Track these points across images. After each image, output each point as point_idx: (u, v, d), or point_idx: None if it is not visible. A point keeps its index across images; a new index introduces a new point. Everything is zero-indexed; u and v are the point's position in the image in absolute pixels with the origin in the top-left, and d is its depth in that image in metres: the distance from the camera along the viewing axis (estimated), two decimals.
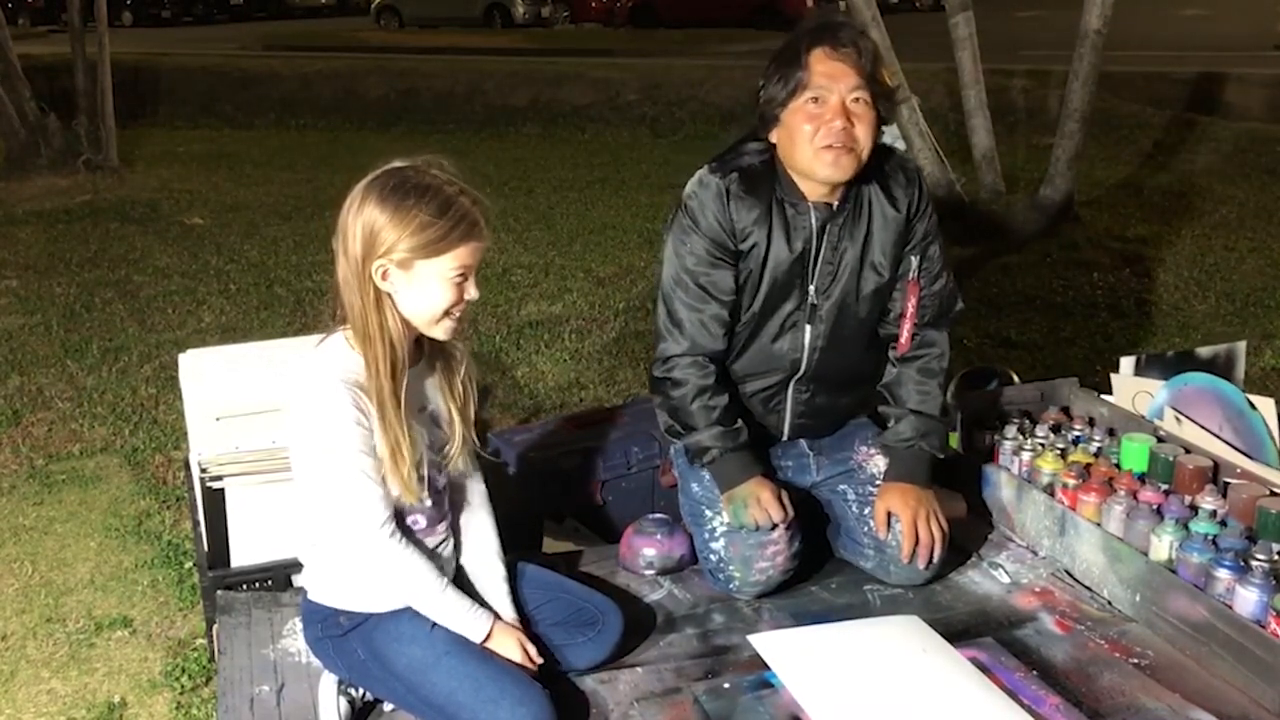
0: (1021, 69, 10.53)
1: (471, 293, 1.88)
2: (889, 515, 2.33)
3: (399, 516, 1.94)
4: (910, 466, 2.38)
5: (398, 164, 1.87)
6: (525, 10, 23.36)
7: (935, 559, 2.33)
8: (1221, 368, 2.82)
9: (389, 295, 1.84)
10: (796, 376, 2.40)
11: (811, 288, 2.32)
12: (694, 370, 2.32)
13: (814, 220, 2.28)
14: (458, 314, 1.90)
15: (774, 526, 2.28)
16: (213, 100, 13.25)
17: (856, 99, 2.18)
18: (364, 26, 23.64)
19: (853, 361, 2.41)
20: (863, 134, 2.19)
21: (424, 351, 1.98)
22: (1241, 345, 2.91)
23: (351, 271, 1.83)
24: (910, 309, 2.37)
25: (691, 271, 2.30)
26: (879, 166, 2.33)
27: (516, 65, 13.75)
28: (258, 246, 6.66)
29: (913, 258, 2.36)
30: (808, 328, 2.35)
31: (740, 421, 2.35)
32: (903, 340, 2.39)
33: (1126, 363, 2.81)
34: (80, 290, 5.78)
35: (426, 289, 1.84)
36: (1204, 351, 2.87)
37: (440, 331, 1.91)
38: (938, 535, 2.32)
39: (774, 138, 2.27)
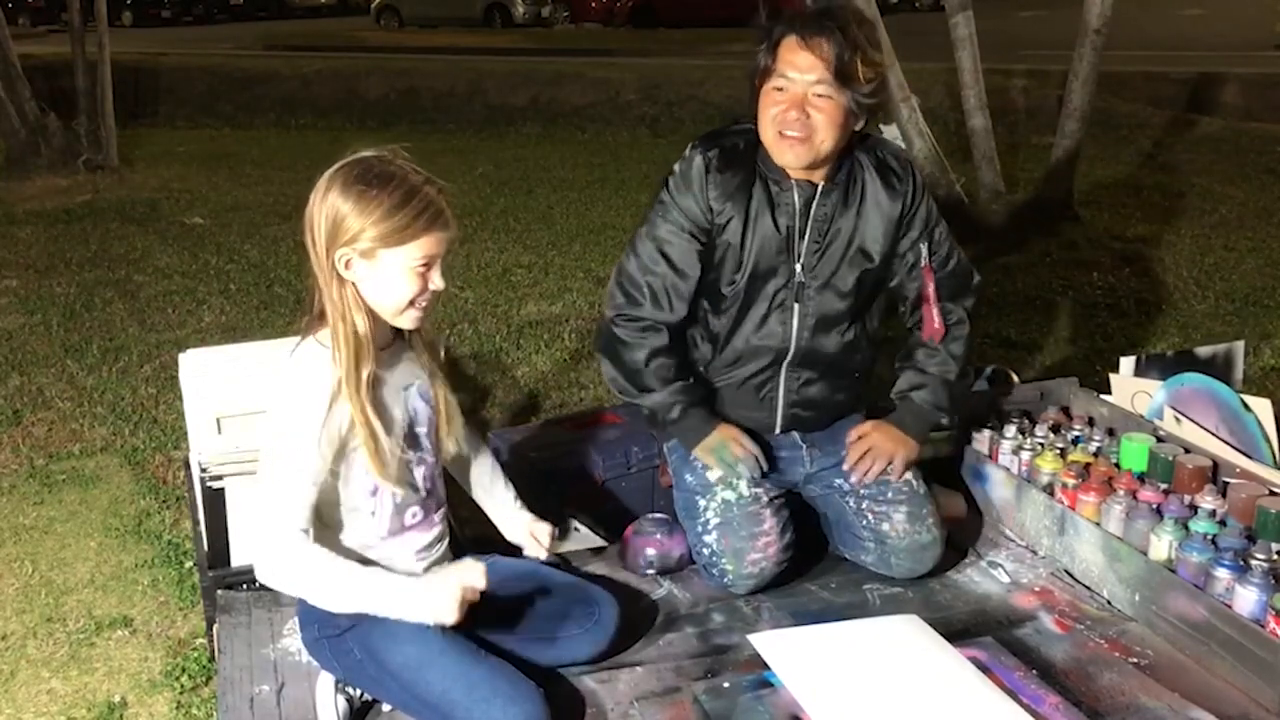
0: (1021, 69, 10.52)
1: (436, 283, 1.88)
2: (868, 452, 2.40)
3: (397, 509, 1.95)
4: (901, 416, 2.43)
5: (363, 153, 1.86)
6: (525, 10, 23.36)
7: (868, 478, 2.39)
8: (1220, 368, 2.82)
9: (353, 284, 1.84)
10: (787, 360, 2.40)
11: (798, 266, 2.33)
12: (649, 335, 2.37)
13: (797, 198, 2.30)
14: (423, 303, 1.89)
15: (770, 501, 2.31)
16: (213, 100, 13.25)
17: (819, 93, 2.18)
18: (364, 26, 23.64)
19: (842, 347, 2.42)
20: (822, 125, 2.19)
21: (405, 335, 1.99)
22: (1239, 345, 2.92)
23: (317, 261, 1.84)
24: (930, 293, 2.40)
25: (658, 238, 2.35)
26: (872, 153, 2.36)
27: (516, 65, 13.75)
28: (258, 246, 6.65)
29: (922, 246, 2.38)
30: (796, 307, 2.36)
31: (694, 378, 2.40)
32: (935, 326, 2.41)
33: (1126, 363, 2.82)
34: (80, 290, 5.78)
35: (390, 278, 1.84)
36: (1203, 351, 2.88)
37: (406, 321, 1.90)
38: (879, 466, 2.38)
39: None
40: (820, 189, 2.30)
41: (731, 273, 2.35)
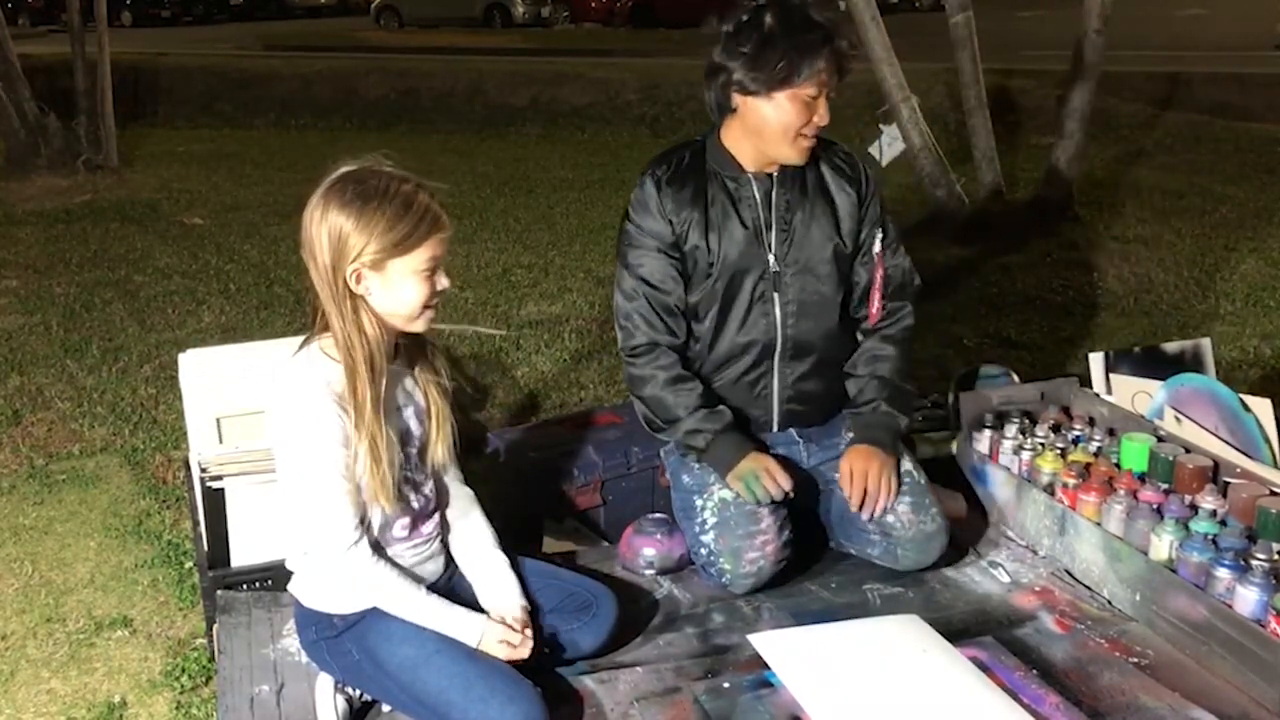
0: (1021, 69, 10.52)
1: (443, 282, 1.91)
2: (852, 472, 2.38)
3: (385, 524, 1.96)
4: (872, 431, 2.43)
5: (347, 168, 1.88)
6: (525, 10, 23.36)
7: (877, 512, 2.37)
8: (1190, 363, 2.84)
9: (363, 298, 1.86)
10: (777, 353, 2.44)
11: (770, 256, 2.39)
12: (656, 361, 2.41)
13: (757, 190, 2.39)
14: (435, 305, 1.92)
15: (771, 503, 2.32)
16: (213, 100, 13.25)
17: (829, 96, 2.31)
18: (364, 26, 23.64)
19: (829, 335, 2.47)
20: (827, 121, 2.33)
21: (399, 350, 1.99)
22: (1207, 342, 2.95)
23: (323, 280, 1.84)
24: (878, 279, 2.48)
25: (632, 265, 2.42)
26: (822, 149, 2.46)
27: (516, 65, 13.74)
28: (258, 246, 6.65)
29: (876, 232, 2.47)
30: (775, 296, 2.41)
31: (720, 406, 2.42)
32: (874, 311, 2.49)
33: (1095, 358, 2.83)
34: (80, 290, 5.78)
35: (401, 286, 1.86)
36: (1170, 347, 2.91)
37: (420, 324, 1.93)
38: (885, 493, 2.36)
39: (735, 105, 2.34)
40: (776, 178, 2.39)
41: (704, 275, 2.40)
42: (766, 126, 2.31)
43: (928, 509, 2.39)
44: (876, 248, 2.47)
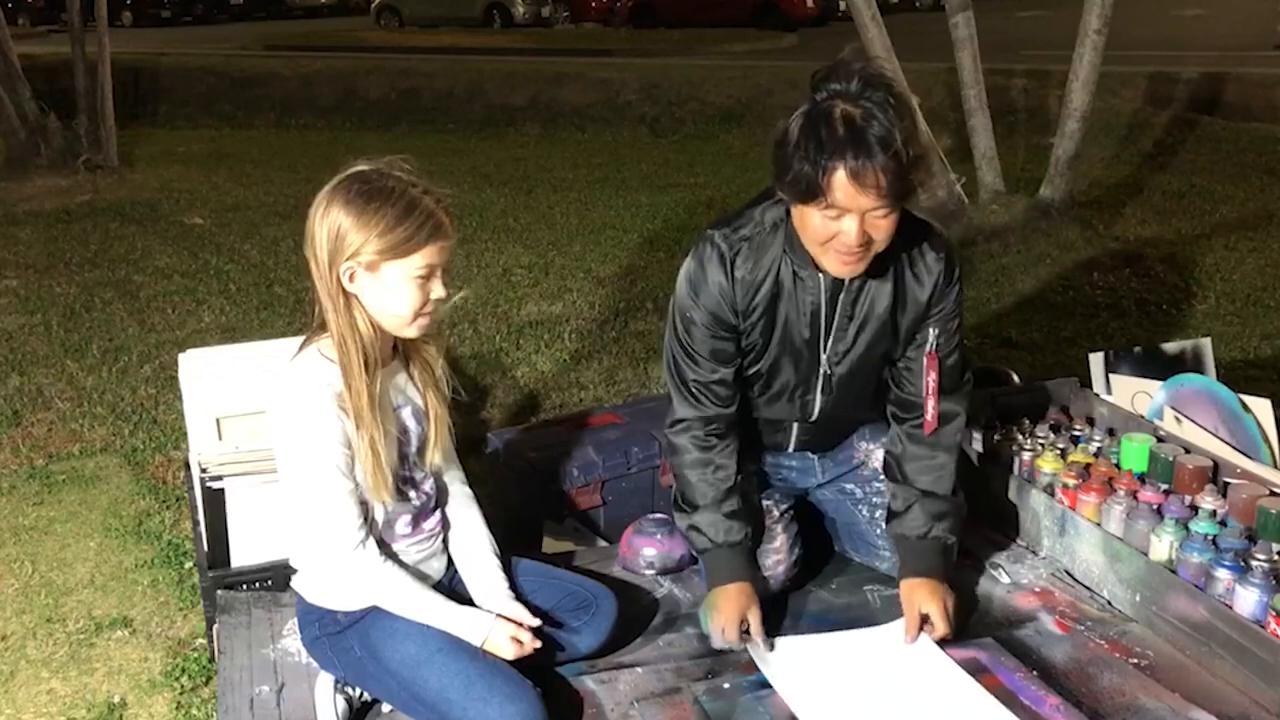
0: (1021, 69, 10.52)
1: (438, 291, 1.90)
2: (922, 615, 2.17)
3: (388, 522, 1.97)
4: (927, 560, 2.23)
5: (360, 167, 1.88)
6: (525, 10, 23.38)
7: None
8: (1190, 363, 2.84)
9: (356, 297, 1.86)
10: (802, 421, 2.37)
11: (824, 357, 2.23)
12: (696, 438, 2.24)
13: (823, 291, 2.16)
14: (429, 312, 1.91)
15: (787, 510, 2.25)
16: (213, 100, 13.26)
17: (877, 215, 1.97)
18: (364, 26, 23.66)
19: (860, 406, 2.36)
20: (880, 240, 2.01)
21: (399, 351, 2.00)
22: (1207, 342, 2.92)
23: (321, 275, 1.85)
24: (932, 384, 2.25)
25: (691, 339, 2.21)
26: (909, 238, 2.17)
27: (516, 65, 13.75)
28: (258, 246, 6.66)
29: (932, 329, 2.23)
30: (820, 397, 2.28)
31: (740, 518, 2.23)
32: (929, 419, 2.26)
33: (1096, 359, 2.83)
34: (80, 290, 5.78)
35: (394, 289, 1.86)
36: (1170, 347, 2.90)
37: (413, 331, 1.92)
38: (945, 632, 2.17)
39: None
40: (847, 283, 2.15)
41: (752, 364, 2.25)
42: (802, 232, 2.06)
43: None
44: (930, 346, 2.23)
